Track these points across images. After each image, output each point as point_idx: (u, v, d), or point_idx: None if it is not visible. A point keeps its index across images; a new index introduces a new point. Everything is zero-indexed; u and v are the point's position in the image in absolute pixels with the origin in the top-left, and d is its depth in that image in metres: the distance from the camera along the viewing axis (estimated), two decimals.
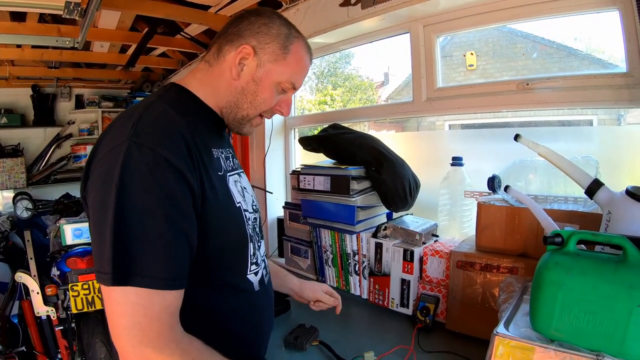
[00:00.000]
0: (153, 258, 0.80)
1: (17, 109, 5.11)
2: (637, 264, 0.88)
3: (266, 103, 1.07)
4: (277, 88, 1.07)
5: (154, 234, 0.80)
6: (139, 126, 0.85)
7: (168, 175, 0.82)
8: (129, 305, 0.78)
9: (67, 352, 2.67)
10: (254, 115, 1.09)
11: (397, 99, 6.99)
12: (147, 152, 0.82)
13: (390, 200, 1.91)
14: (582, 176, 1.24)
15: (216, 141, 1.08)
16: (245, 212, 1.07)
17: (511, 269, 1.45)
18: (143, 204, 0.80)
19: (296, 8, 2.57)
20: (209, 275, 0.99)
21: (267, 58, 1.03)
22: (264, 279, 1.15)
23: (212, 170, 0.98)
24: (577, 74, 1.68)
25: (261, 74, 1.04)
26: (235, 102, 1.06)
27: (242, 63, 1.04)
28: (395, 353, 1.48)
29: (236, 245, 1.04)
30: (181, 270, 0.85)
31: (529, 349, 0.94)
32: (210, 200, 0.93)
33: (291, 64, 1.05)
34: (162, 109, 0.94)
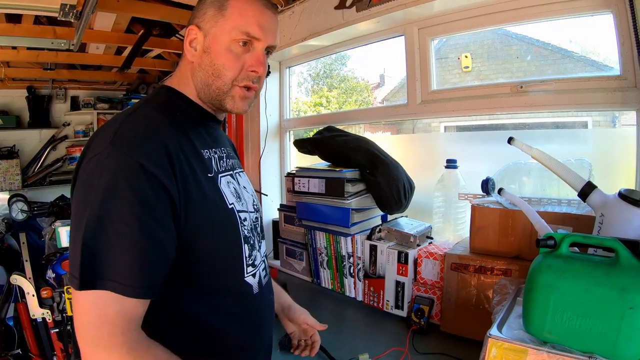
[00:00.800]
0: (124, 265, 0.80)
1: (13, 111, 5.09)
2: (629, 267, 0.88)
3: (227, 67, 1.00)
4: (231, 47, 1.00)
5: (125, 240, 0.80)
6: (118, 133, 0.86)
7: (143, 182, 0.82)
8: (86, 305, 0.79)
9: (62, 354, 2.66)
10: (225, 87, 1.02)
11: (393, 101, 6.99)
12: (123, 159, 0.82)
13: (385, 203, 1.92)
14: (575, 179, 1.24)
15: (208, 141, 1.07)
16: (241, 213, 1.05)
17: (505, 271, 1.46)
18: (117, 211, 0.80)
19: (291, 10, 2.58)
20: (202, 281, 0.97)
21: (209, 26, 1.01)
22: (262, 280, 1.13)
23: (201, 172, 0.97)
24: (571, 77, 1.70)
25: (208, 42, 1.01)
26: (202, 81, 1.04)
27: (193, 45, 1.03)
28: (389, 355, 1.49)
29: (228, 248, 1.01)
30: (154, 279, 0.84)
31: (522, 351, 0.94)
32: (197, 204, 0.92)
33: (233, 16, 1.00)
34: (146, 115, 0.95)
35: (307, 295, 2.10)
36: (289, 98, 3.13)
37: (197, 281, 0.96)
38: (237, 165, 1.19)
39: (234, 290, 1.03)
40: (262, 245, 1.19)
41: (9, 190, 4.87)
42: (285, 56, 2.96)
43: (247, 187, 1.17)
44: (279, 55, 2.91)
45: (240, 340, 1.05)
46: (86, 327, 0.79)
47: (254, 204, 1.16)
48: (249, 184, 1.21)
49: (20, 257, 3.27)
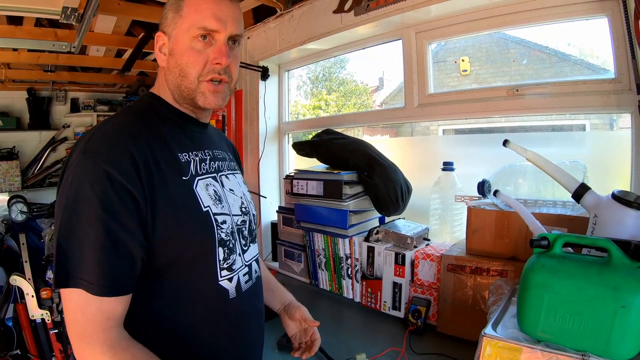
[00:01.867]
0: (90, 265, 0.84)
1: (13, 112, 5.08)
2: (621, 266, 0.90)
3: (190, 64, 1.02)
4: (192, 45, 1.01)
5: (92, 243, 0.84)
6: (88, 143, 0.91)
7: (107, 187, 0.86)
8: (71, 304, 0.85)
9: (61, 355, 2.66)
10: (193, 84, 1.03)
11: (392, 104, 7.01)
12: (90, 166, 0.87)
13: (383, 205, 1.93)
14: (569, 180, 1.26)
15: (187, 144, 1.08)
16: (218, 215, 1.05)
17: (501, 272, 1.47)
18: (84, 215, 0.85)
19: (290, 15, 2.60)
20: (174, 283, 0.98)
21: (170, 29, 1.03)
22: (241, 285, 1.10)
23: (173, 176, 0.98)
24: (566, 80, 1.72)
25: (172, 44, 1.04)
26: (172, 83, 1.06)
27: (163, 50, 1.06)
28: (387, 355, 1.50)
29: (200, 250, 1.01)
30: (119, 279, 0.87)
31: (516, 349, 0.96)
32: (165, 208, 0.94)
33: (188, 14, 1.01)
34: (118, 123, 0.99)
35: (305, 296, 2.11)
36: (287, 101, 3.15)
37: (169, 283, 0.98)
38: (228, 167, 1.20)
39: (206, 294, 1.03)
40: (251, 248, 1.18)
41: (8, 191, 4.86)
42: (284, 59, 2.97)
43: (236, 189, 1.18)
44: (278, 58, 2.93)
45: (215, 345, 1.05)
46: (72, 323, 0.85)
47: (242, 207, 1.16)
48: (240, 186, 1.21)
49: (20, 258, 3.27)
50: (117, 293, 0.87)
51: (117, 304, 0.87)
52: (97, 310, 0.84)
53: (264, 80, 3.00)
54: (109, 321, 0.86)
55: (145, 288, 0.93)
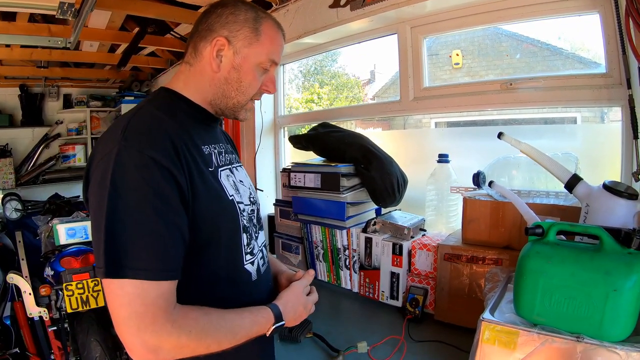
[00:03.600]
0: (145, 251, 0.85)
1: (5, 109, 5.07)
2: (612, 252, 0.95)
3: (252, 86, 1.10)
4: (258, 69, 1.09)
5: (145, 228, 0.86)
6: (127, 131, 0.91)
7: (155, 173, 0.88)
8: (126, 296, 0.83)
9: (60, 352, 2.67)
10: (245, 101, 1.12)
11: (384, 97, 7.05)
12: (134, 154, 0.88)
13: (379, 197, 1.96)
14: (561, 171, 1.30)
15: (207, 138, 1.12)
16: (240, 204, 1.10)
17: (496, 261, 1.51)
18: (133, 202, 0.86)
19: (286, 9, 2.61)
20: (204, 268, 1.02)
21: (241, 44, 1.06)
22: (260, 268, 1.17)
23: (203, 165, 1.02)
24: (559, 74, 1.76)
25: (239, 60, 1.07)
26: (222, 92, 1.10)
27: (220, 55, 1.07)
28: (386, 343, 1.54)
29: (229, 236, 1.06)
30: (173, 261, 0.89)
31: (513, 332, 1.00)
32: (201, 195, 0.97)
33: (265, 43, 1.07)
34: (150, 113, 1.00)
35: None
36: (283, 95, 3.17)
37: (199, 269, 1.01)
38: (235, 160, 1.24)
39: (234, 278, 1.08)
40: (260, 235, 1.24)
41: (2, 189, 4.84)
42: None
43: (244, 180, 1.22)
44: None
45: None
46: (128, 319, 0.83)
47: (251, 197, 1.21)
48: (246, 177, 1.25)
49: (15, 256, 3.28)
50: (174, 276, 0.89)
51: (173, 286, 0.89)
52: (157, 295, 0.85)
53: None
54: (168, 302, 0.87)
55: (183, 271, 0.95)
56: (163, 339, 0.84)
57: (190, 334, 0.87)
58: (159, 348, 0.84)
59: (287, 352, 1.55)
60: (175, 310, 0.88)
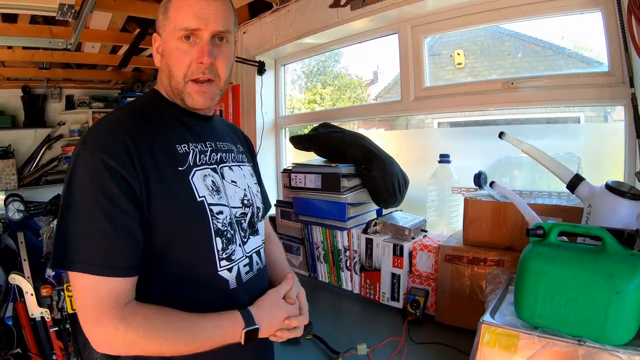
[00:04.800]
0: (91, 247, 0.89)
1: (8, 111, 5.07)
2: (615, 254, 0.93)
3: (177, 64, 1.05)
4: (178, 46, 1.04)
5: (92, 226, 0.89)
6: (87, 135, 0.97)
7: (104, 175, 0.90)
8: (80, 289, 0.90)
9: (61, 353, 2.67)
10: (179, 85, 1.06)
11: (387, 98, 7.03)
12: (88, 156, 0.92)
13: (380, 197, 1.95)
14: (563, 171, 1.29)
15: (188, 136, 1.09)
16: (214, 206, 1.06)
17: (497, 262, 1.50)
18: (83, 201, 0.90)
19: (286, 9, 2.61)
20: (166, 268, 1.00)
21: (161, 31, 1.08)
22: (242, 275, 1.11)
23: (169, 165, 1.01)
24: (561, 73, 1.74)
25: (163, 46, 1.08)
26: (164, 83, 1.10)
27: (159, 51, 1.10)
28: (386, 345, 1.52)
29: (195, 239, 1.02)
30: (121, 259, 0.91)
31: (514, 335, 0.98)
32: (158, 195, 0.97)
33: (172, 16, 1.04)
34: (114, 118, 1.03)
35: (305, 289, 2.12)
36: (284, 95, 3.17)
37: (167, 270, 1.01)
38: (233, 159, 1.20)
39: (206, 283, 1.05)
40: (252, 240, 1.18)
41: (5, 190, 4.85)
42: (280, 54, 2.99)
43: (239, 181, 1.18)
44: (274, 52, 2.94)
45: None
46: (83, 309, 0.89)
47: (244, 199, 1.17)
48: (245, 178, 1.21)
49: (18, 257, 3.28)
50: (123, 273, 0.91)
51: (125, 284, 0.91)
52: (106, 290, 0.88)
53: (260, 75, 3.01)
54: (119, 299, 0.90)
55: (144, 275, 0.96)
56: (111, 334, 0.88)
57: (137, 331, 0.88)
58: (108, 343, 0.90)
59: (287, 353, 1.54)
60: (126, 307, 0.90)
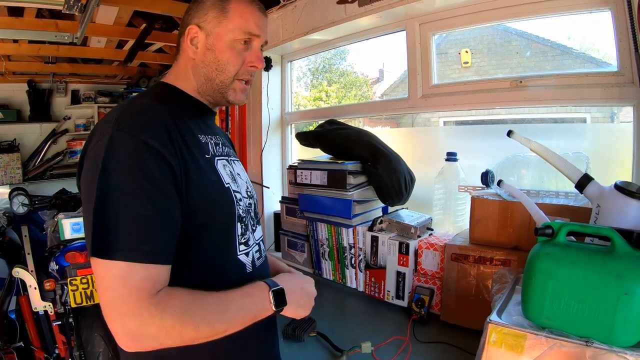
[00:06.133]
0: (132, 233, 0.85)
1: (13, 105, 5.10)
2: (624, 255, 0.92)
3: (231, 63, 1.10)
4: (234, 45, 1.10)
5: (134, 211, 0.86)
6: (120, 118, 0.93)
7: (146, 157, 0.88)
8: (110, 279, 0.83)
9: (64, 347, 2.67)
10: (228, 80, 1.12)
11: (392, 96, 7.02)
12: (127, 138, 0.89)
13: (386, 195, 1.95)
14: (572, 171, 1.28)
15: (203, 128, 1.13)
16: (236, 193, 1.11)
17: (504, 261, 1.49)
18: (123, 184, 0.86)
19: (294, 5, 2.60)
20: (196, 253, 1.01)
21: (211, 26, 1.09)
22: (255, 260, 1.17)
23: (198, 152, 1.04)
24: (569, 73, 1.73)
25: (212, 40, 1.09)
26: (204, 76, 1.12)
27: (194, 42, 1.11)
28: (391, 343, 1.52)
29: (223, 223, 1.06)
30: (162, 245, 0.89)
31: (521, 336, 0.98)
32: (196, 180, 0.98)
33: (234, 18, 1.09)
34: (143, 102, 1.02)
35: None
36: (290, 92, 3.16)
37: (194, 256, 1.01)
38: (232, 154, 1.25)
39: (228, 266, 1.08)
40: (258, 229, 1.24)
41: (9, 184, 4.89)
42: (287, 50, 2.98)
43: (242, 174, 1.23)
44: (281, 49, 2.93)
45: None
46: (112, 302, 0.82)
47: (248, 190, 1.21)
48: (243, 172, 1.26)
49: (22, 251, 3.28)
50: (163, 260, 0.88)
51: (163, 271, 0.88)
52: (143, 278, 0.84)
53: (267, 71, 3.01)
54: (155, 286, 0.85)
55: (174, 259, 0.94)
56: (146, 322, 0.82)
57: (174, 314, 0.84)
58: (142, 334, 0.82)
59: (291, 351, 1.54)
60: (159, 292, 0.86)
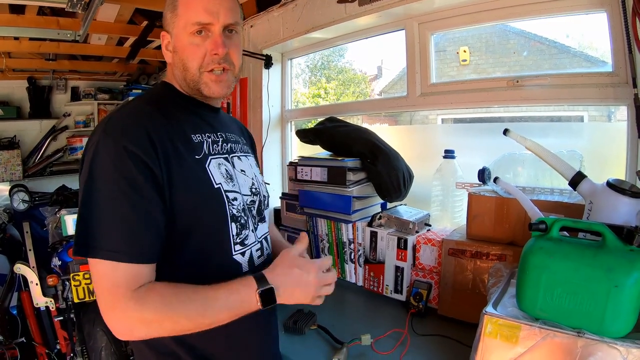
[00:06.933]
0: (115, 234, 0.90)
1: (13, 101, 5.11)
2: (615, 249, 0.96)
3: (191, 58, 1.09)
4: (190, 40, 1.08)
5: (116, 213, 0.91)
6: (108, 123, 0.98)
7: (128, 162, 0.92)
8: (98, 275, 0.90)
9: (65, 342, 2.69)
10: (195, 76, 1.10)
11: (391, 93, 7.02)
12: (110, 143, 0.93)
13: (385, 191, 1.97)
14: (566, 168, 1.31)
15: (200, 126, 1.14)
16: (230, 192, 1.11)
17: (500, 256, 1.53)
18: (106, 188, 0.92)
19: (294, 3, 2.63)
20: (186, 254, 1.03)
21: (171, 28, 1.11)
22: (254, 260, 1.17)
23: (187, 154, 1.05)
24: (565, 72, 1.76)
25: (174, 42, 1.11)
26: (179, 77, 1.14)
27: (169, 48, 1.14)
28: (390, 336, 1.55)
29: (213, 224, 1.07)
30: (144, 245, 0.93)
31: (515, 326, 1.02)
32: (180, 183, 1.00)
33: (182, 12, 1.08)
34: (133, 107, 1.07)
35: None
36: (290, 89, 3.19)
37: (186, 255, 1.03)
38: (240, 150, 1.26)
39: (220, 267, 1.09)
40: (261, 227, 1.25)
41: (10, 180, 4.90)
42: (287, 48, 3.01)
43: (247, 170, 1.23)
44: (281, 47, 2.96)
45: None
46: (101, 294, 0.90)
47: (252, 187, 1.22)
48: (250, 168, 1.26)
49: (23, 247, 3.30)
50: (145, 259, 0.93)
51: (144, 269, 0.93)
52: (126, 275, 0.89)
53: (267, 68, 3.03)
54: (137, 281, 0.91)
55: (164, 260, 0.98)
56: (128, 315, 0.88)
57: (154, 309, 0.89)
58: (127, 326, 0.90)
59: (292, 343, 1.57)
60: (140, 288, 0.91)
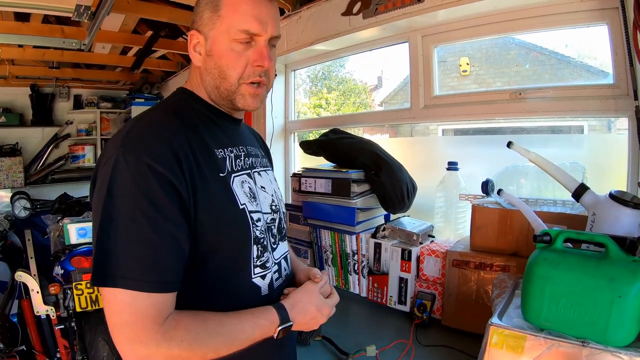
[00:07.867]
0: (136, 261, 0.82)
1: (16, 108, 5.14)
2: (618, 260, 0.98)
3: (232, 67, 1.00)
4: (232, 46, 0.99)
5: (138, 237, 0.83)
6: (127, 138, 0.89)
7: (152, 181, 0.84)
8: (117, 304, 0.81)
9: (66, 351, 2.67)
10: (233, 86, 1.02)
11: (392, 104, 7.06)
12: (131, 161, 0.85)
13: (389, 203, 1.99)
14: (569, 180, 1.33)
15: (223, 140, 1.07)
16: (254, 213, 1.04)
17: (504, 267, 1.54)
18: (127, 210, 0.83)
19: (299, 15, 2.65)
20: (207, 278, 0.97)
21: (207, 29, 1.01)
22: (273, 282, 1.09)
23: (211, 171, 0.97)
24: (567, 85, 1.79)
25: (210, 45, 1.01)
26: (210, 84, 1.04)
27: (197, 49, 1.04)
28: (394, 347, 1.56)
29: (235, 248, 1.00)
30: (168, 272, 0.85)
31: (521, 337, 1.03)
32: (205, 203, 0.92)
33: (227, 16, 0.98)
34: (153, 118, 0.98)
35: None
36: (294, 100, 3.21)
37: (204, 277, 0.96)
38: (259, 164, 1.17)
39: (240, 291, 1.02)
40: (280, 246, 1.16)
41: (11, 187, 4.91)
42: (291, 59, 3.04)
43: (267, 186, 1.16)
44: (285, 58, 2.98)
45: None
46: (120, 327, 0.81)
47: (272, 205, 1.15)
48: (271, 183, 1.19)
49: (24, 254, 3.30)
50: (168, 288, 0.85)
51: (168, 298, 0.85)
52: (148, 306, 0.81)
53: None
54: (161, 313, 0.83)
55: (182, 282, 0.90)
56: (153, 350, 0.81)
57: (181, 345, 0.83)
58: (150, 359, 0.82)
59: (298, 354, 1.54)
60: (167, 320, 0.84)
